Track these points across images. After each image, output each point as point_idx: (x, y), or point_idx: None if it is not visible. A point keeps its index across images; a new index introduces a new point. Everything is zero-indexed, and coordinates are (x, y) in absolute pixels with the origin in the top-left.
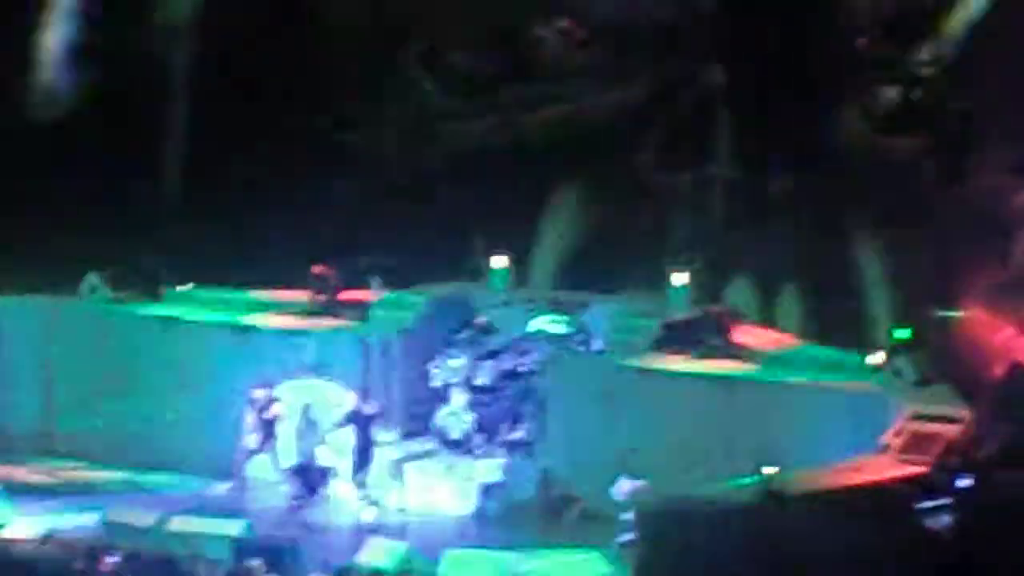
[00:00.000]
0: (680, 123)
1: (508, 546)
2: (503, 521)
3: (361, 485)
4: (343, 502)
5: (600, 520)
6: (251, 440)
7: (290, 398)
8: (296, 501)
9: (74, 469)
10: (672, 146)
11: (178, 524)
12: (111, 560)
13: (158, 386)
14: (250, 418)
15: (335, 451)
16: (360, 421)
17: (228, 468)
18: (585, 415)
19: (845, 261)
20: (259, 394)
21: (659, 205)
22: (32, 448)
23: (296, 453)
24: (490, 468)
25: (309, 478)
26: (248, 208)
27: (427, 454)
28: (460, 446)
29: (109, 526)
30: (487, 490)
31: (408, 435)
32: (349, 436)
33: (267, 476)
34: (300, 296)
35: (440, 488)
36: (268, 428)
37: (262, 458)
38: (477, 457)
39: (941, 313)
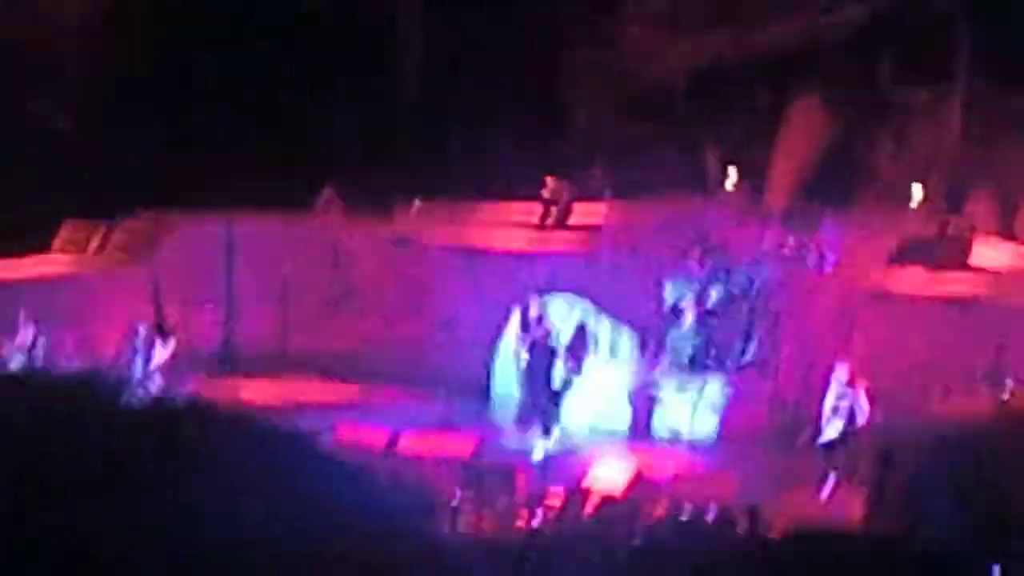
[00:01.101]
0: (920, 37)
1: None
2: (736, 441)
3: (597, 406)
4: (578, 423)
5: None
6: (508, 356)
7: (560, 315)
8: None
9: (304, 384)
10: (912, 60)
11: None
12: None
13: (389, 304)
14: (512, 334)
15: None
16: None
17: (460, 386)
18: (818, 336)
19: None
20: (527, 310)
21: (897, 120)
22: (265, 364)
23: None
24: (721, 389)
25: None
26: (482, 123)
27: (659, 375)
28: (692, 365)
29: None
30: (718, 412)
31: (641, 353)
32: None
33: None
34: (532, 211)
35: (671, 410)
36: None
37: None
38: (708, 378)
39: None
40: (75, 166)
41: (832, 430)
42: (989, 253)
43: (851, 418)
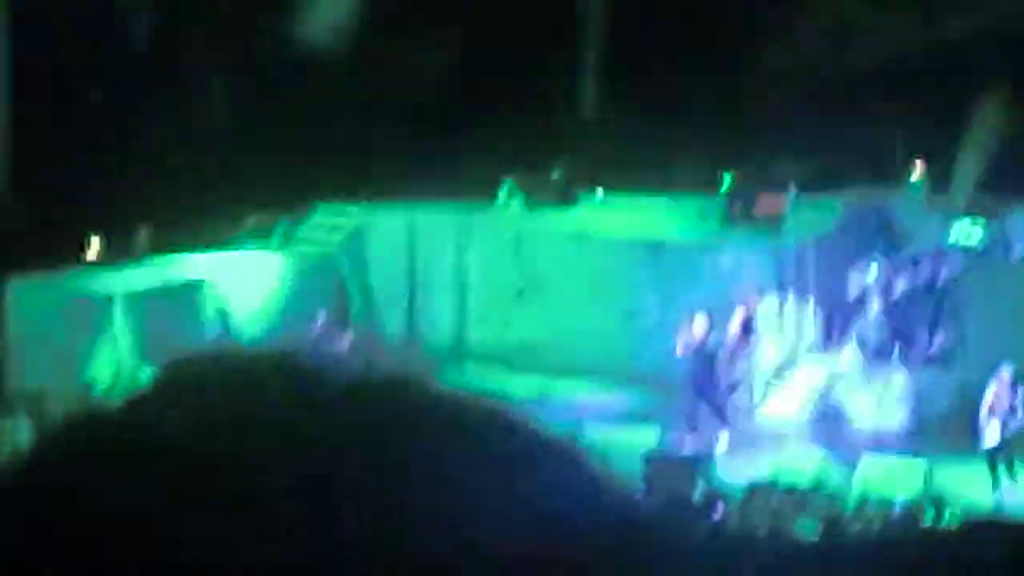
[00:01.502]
0: None
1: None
2: (920, 434)
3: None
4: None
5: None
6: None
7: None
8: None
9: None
10: None
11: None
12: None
13: (568, 295)
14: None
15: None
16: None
17: (640, 378)
18: (1004, 327)
19: None
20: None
21: None
22: (446, 354)
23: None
24: (907, 380)
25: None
26: (661, 113)
27: (846, 364)
28: (878, 357)
29: None
30: (904, 402)
31: (825, 345)
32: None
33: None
34: (712, 204)
35: (858, 399)
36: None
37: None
38: (894, 368)
39: None
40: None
41: (991, 433)
42: None
43: (1008, 421)
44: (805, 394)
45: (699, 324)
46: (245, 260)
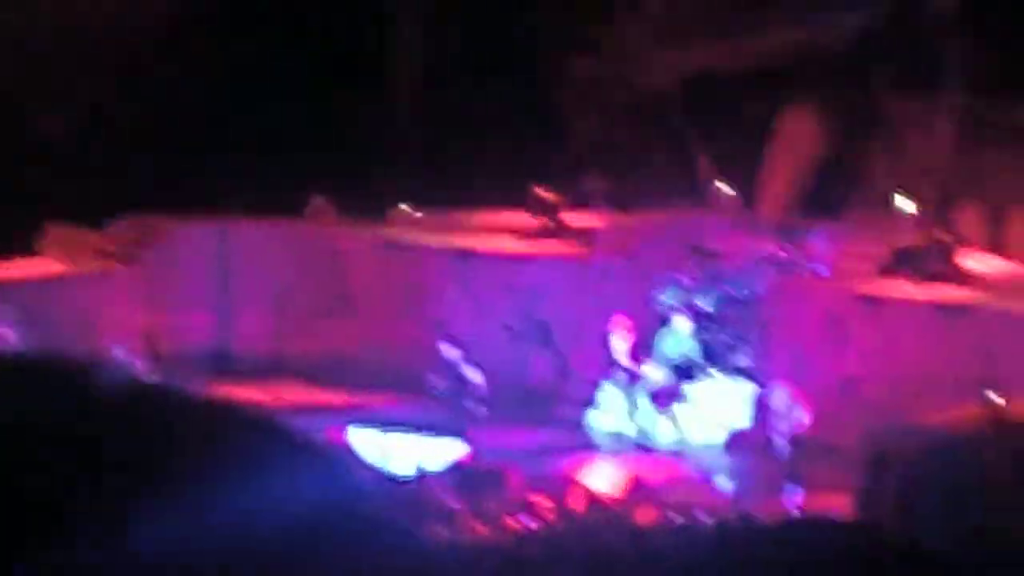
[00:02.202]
0: (917, 47)
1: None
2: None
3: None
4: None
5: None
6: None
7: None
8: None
9: (298, 390)
10: (908, 71)
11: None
12: None
13: (381, 308)
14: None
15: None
16: None
17: (453, 394)
18: (810, 343)
19: None
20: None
21: (892, 130)
22: (257, 369)
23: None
24: (714, 396)
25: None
26: (472, 131)
27: (652, 381)
28: (684, 373)
29: None
30: (712, 418)
31: (632, 360)
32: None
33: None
34: (523, 219)
35: (666, 415)
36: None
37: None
38: (701, 384)
39: None
40: (62, 167)
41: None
42: (976, 263)
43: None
44: (614, 409)
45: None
46: None
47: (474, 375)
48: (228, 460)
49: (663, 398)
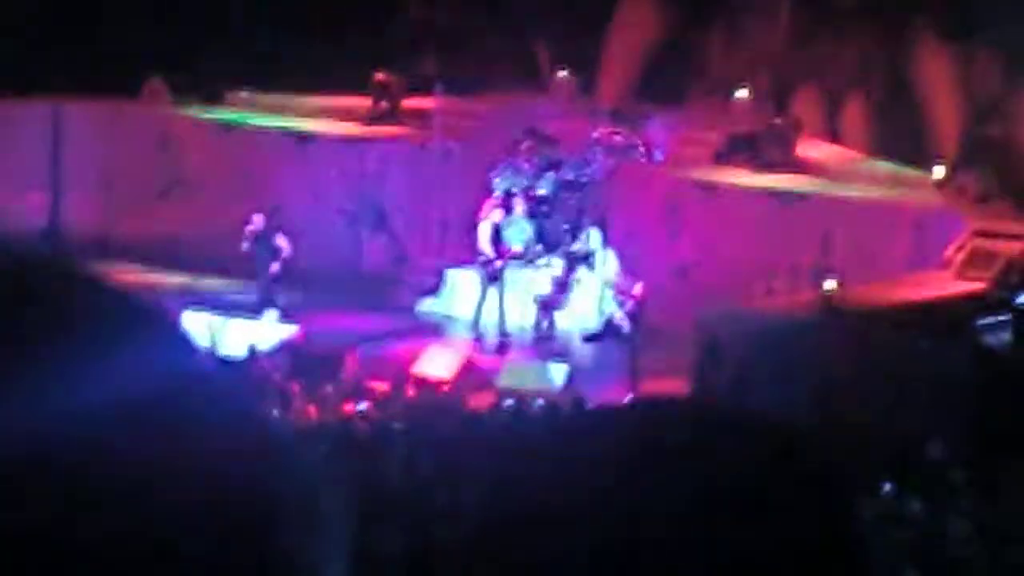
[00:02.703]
0: None
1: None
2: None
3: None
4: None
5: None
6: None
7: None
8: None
9: (129, 272)
10: None
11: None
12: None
13: (216, 191)
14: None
15: None
16: None
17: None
18: (646, 227)
19: (912, 72)
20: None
21: (728, 14)
22: (88, 250)
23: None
24: (551, 283)
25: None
26: (310, 12)
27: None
28: (520, 257)
29: None
30: (544, 304)
31: (467, 245)
32: None
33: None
34: (362, 103)
35: (504, 301)
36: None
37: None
38: (538, 268)
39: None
40: None
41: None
42: (812, 150)
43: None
44: (459, 295)
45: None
46: None
47: (283, 243)
48: (100, 333)
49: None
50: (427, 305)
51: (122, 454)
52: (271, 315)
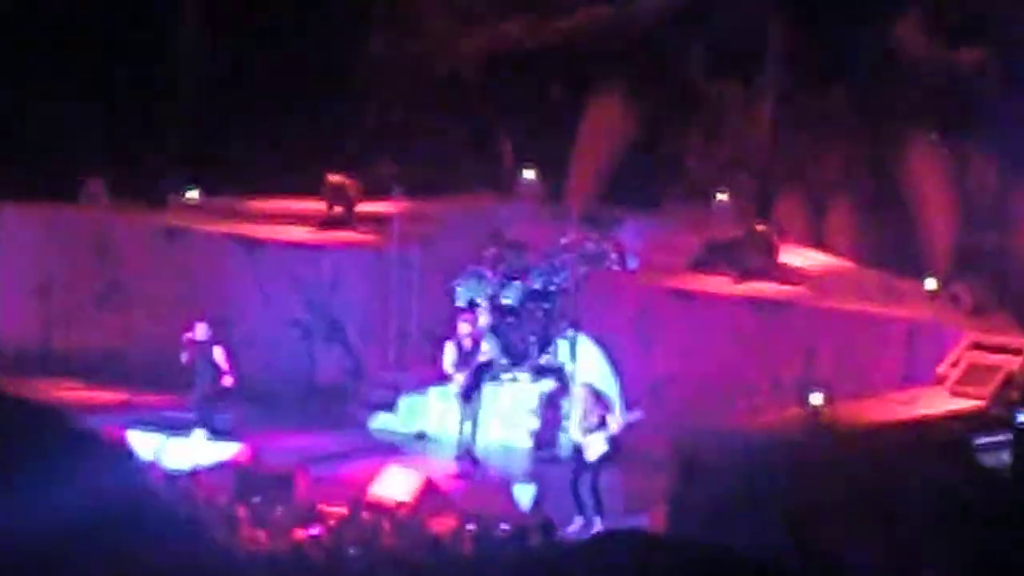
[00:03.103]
0: (730, 30)
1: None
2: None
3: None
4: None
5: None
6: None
7: None
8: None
9: (68, 387)
10: (721, 54)
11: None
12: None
13: (158, 299)
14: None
15: None
16: None
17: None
18: (619, 339)
19: (902, 175)
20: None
21: (706, 115)
22: (25, 362)
23: None
24: (516, 395)
25: None
26: (260, 113)
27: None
28: (483, 370)
29: None
30: (513, 420)
31: (428, 358)
32: None
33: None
34: (315, 207)
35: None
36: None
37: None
38: (502, 383)
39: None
40: None
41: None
42: (795, 257)
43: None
44: (412, 412)
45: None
46: None
47: (220, 358)
48: (16, 454)
49: (468, 398)
50: (383, 422)
51: None
52: (199, 434)
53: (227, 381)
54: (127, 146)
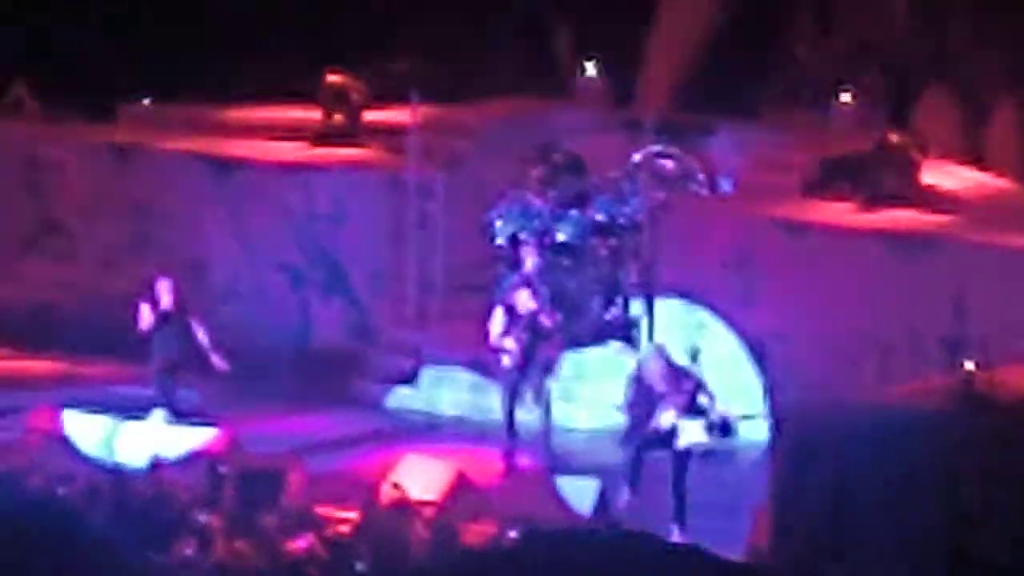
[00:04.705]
0: None
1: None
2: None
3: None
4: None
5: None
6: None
7: None
8: None
9: None
10: None
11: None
12: None
13: (104, 242)
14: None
15: None
16: None
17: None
18: (708, 286)
19: None
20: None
21: None
22: None
23: None
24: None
25: None
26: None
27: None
28: (531, 332)
29: None
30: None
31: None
32: None
33: None
34: (309, 117)
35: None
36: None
37: None
38: (555, 345)
39: None
40: None
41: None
42: (942, 177)
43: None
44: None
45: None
46: None
47: (199, 329)
48: None
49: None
50: (400, 398)
51: None
52: (160, 417)
53: (201, 348)
54: (64, 38)
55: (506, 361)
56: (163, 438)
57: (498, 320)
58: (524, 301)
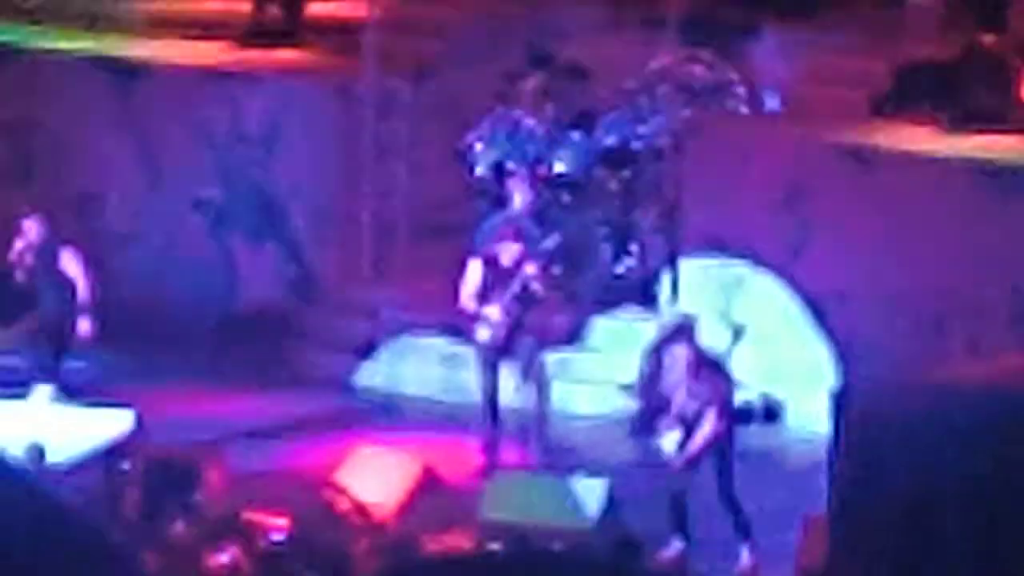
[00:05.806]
0: None
1: None
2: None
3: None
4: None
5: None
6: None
7: None
8: None
9: None
10: None
11: None
12: None
13: None
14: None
15: None
16: None
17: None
18: (749, 232)
19: None
20: None
21: None
22: None
23: None
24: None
25: None
26: None
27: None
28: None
29: None
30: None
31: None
32: None
33: None
34: (234, 8)
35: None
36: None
37: None
38: (548, 308)
39: None
40: None
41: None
42: None
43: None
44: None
45: None
46: None
47: (73, 268)
48: None
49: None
50: (354, 374)
51: None
52: (43, 392)
53: (83, 305)
54: None
55: (483, 331)
56: (46, 422)
57: (474, 275)
58: (510, 250)
